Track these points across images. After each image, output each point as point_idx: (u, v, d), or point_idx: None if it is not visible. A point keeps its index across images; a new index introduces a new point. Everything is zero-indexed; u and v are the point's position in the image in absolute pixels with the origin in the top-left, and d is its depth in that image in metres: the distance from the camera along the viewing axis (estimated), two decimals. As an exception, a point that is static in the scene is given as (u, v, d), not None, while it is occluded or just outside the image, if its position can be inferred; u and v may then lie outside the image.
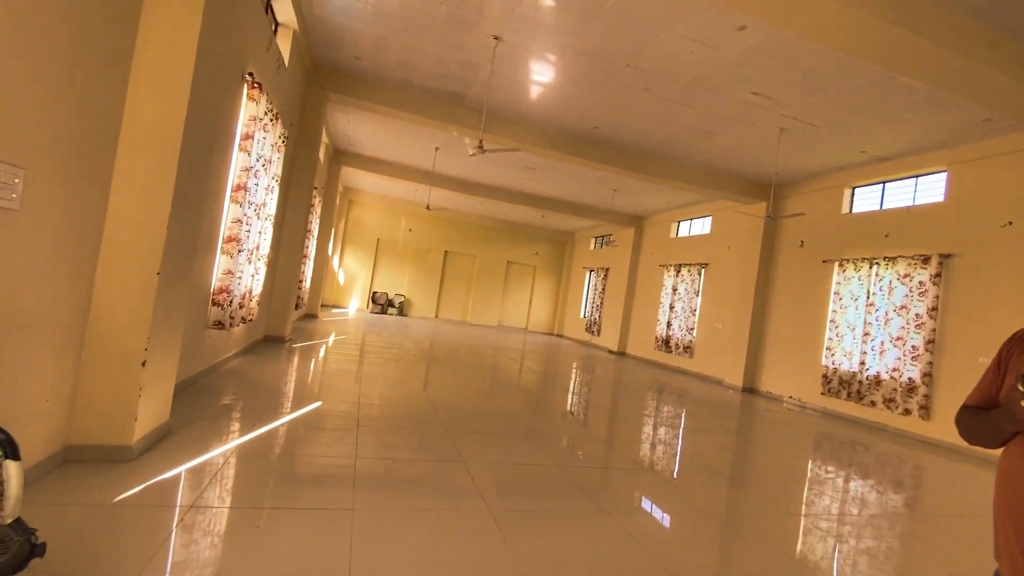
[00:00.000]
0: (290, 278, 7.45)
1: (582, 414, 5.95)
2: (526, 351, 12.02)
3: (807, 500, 3.70)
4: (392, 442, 3.55)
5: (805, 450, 5.60)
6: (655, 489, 3.47)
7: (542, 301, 19.35)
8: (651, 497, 3.30)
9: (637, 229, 14.32)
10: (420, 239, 17.64)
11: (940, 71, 4.46)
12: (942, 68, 4.41)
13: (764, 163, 8.48)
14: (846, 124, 6.54)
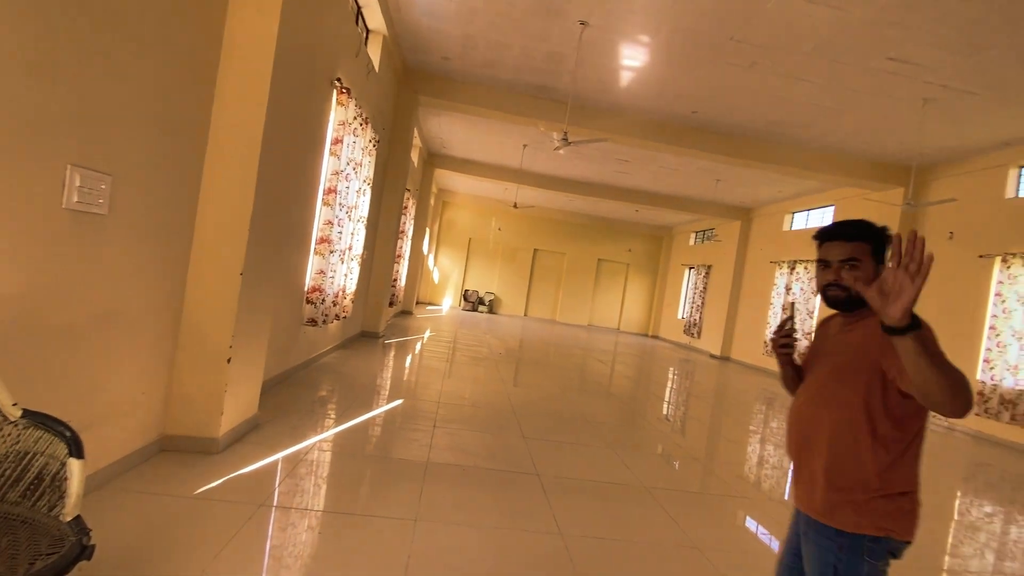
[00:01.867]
0: (383, 277, 7.74)
1: (678, 425, 5.47)
2: (617, 353, 11.53)
3: (952, 547, 2.99)
4: (467, 446, 3.45)
5: (951, 479, 4.64)
6: (757, 514, 3.00)
7: (635, 300, 18.53)
8: (753, 524, 2.85)
9: (744, 222, 13.11)
10: (510, 238, 17.71)
11: None
12: None
13: (902, 142, 7.25)
14: (1013, 88, 5.32)
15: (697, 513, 2.97)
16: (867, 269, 1.26)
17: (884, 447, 1.19)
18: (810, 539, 1.28)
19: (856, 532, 1.20)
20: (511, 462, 3.28)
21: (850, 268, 1.28)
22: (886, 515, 1.20)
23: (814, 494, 1.27)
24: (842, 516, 1.21)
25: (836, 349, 1.33)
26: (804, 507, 1.31)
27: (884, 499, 1.20)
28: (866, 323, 1.26)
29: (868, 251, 1.28)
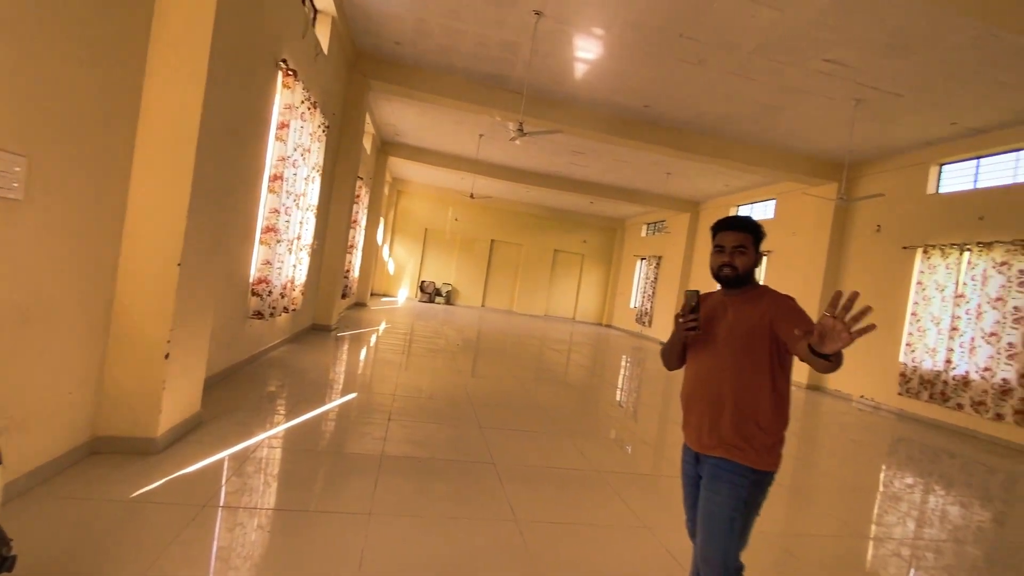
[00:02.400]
0: (335, 268, 7.52)
1: (630, 410, 5.64)
2: (573, 342, 11.74)
3: (878, 517, 3.26)
4: (423, 439, 3.42)
5: (877, 454, 5.04)
6: None
7: (590, 290, 18.89)
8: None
9: (693, 215, 13.59)
10: (466, 228, 17.61)
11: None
12: (1065, 17, 3.71)
13: (836, 140, 7.69)
14: (935, 91, 5.76)
15: (648, 495, 3.09)
16: (750, 254, 1.60)
17: (780, 397, 1.52)
18: (722, 479, 1.51)
19: (763, 469, 1.50)
20: (467, 452, 3.29)
21: (740, 253, 1.60)
22: (778, 454, 1.54)
23: (728, 442, 1.52)
24: (754, 457, 1.49)
25: (736, 320, 1.57)
26: (717, 453, 1.54)
27: (779, 441, 1.53)
28: (760, 300, 1.56)
29: (751, 241, 1.61)
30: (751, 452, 1.49)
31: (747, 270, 1.60)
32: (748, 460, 1.49)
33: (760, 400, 1.51)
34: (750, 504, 1.50)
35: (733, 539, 1.49)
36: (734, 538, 1.49)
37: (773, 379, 1.51)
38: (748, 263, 1.60)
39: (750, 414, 1.51)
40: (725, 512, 1.49)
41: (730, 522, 1.48)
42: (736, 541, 1.49)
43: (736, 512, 1.48)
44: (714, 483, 1.53)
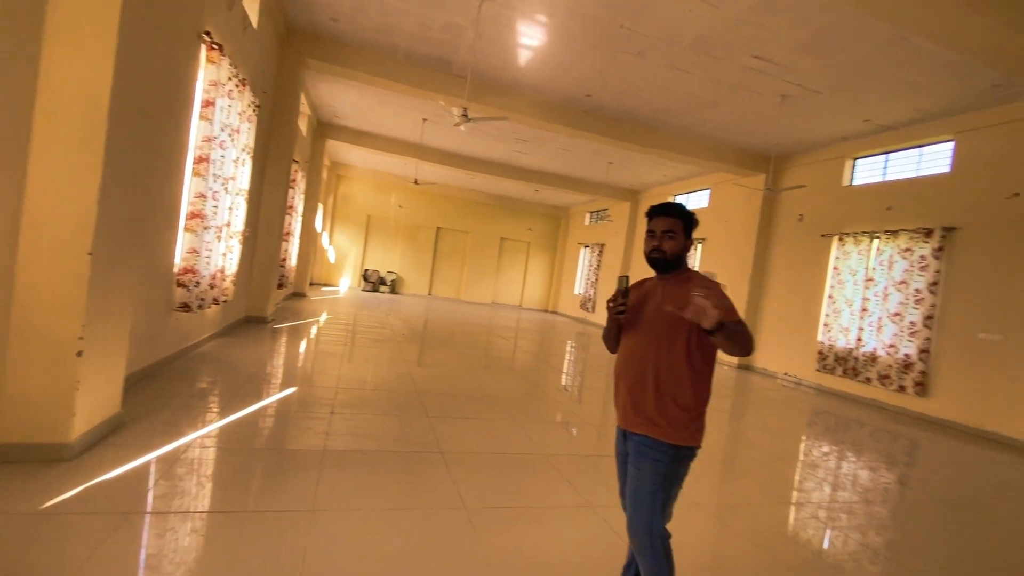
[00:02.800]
0: (270, 256, 7.16)
1: (575, 394, 5.78)
2: (519, 329, 11.85)
3: (799, 484, 3.55)
4: (367, 431, 3.35)
5: (797, 426, 5.47)
6: None
7: (536, 278, 19.11)
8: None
9: (633, 203, 14.00)
10: (411, 215, 17.25)
11: (957, 30, 4.14)
12: (960, 26, 4.09)
13: (764, 133, 8.15)
14: (851, 90, 6.21)
15: (592, 475, 3.19)
16: (679, 240, 1.66)
17: (698, 376, 1.60)
18: (645, 455, 1.59)
19: (682, 445, 1.58)
20: (414, 442, 3.26)
21: (669, 238, 1.66)
22: (698, 430, 1.61)
23: (649, 419, 1.60)
24: (672, 433, 1.57)
25: (662, 303, 1.63)
26: (640, 430, 1.62)
27: (697, 418, 1.61)
28: (686, 284, 1.61)
29: (681, 227, 1.67)
30: (670, 429, 1.57)
31: (675, 255, 1.66)
32: (667, 436, 1.57)
33: (679, 379, 1.58)
34: (670, 478, 1.58)
35: (656, 512, 1.57)
36: (657, 511, 1.57)
37: (690, 359, 1.58)
38: (677, 248, 1.65)
39: (669, 393, 1.58)
40: (647, 487, 1.57)
41: (652, 496, 1.57)
42: (659, 513, 1.57)
43: (657, 486, 1.57)
44: (638, 459, 1.61)
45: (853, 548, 2.64)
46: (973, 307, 6.16)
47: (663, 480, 1.56)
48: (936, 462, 4.73)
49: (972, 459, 4.90)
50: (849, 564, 2.46)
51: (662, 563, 1.57)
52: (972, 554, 2.79)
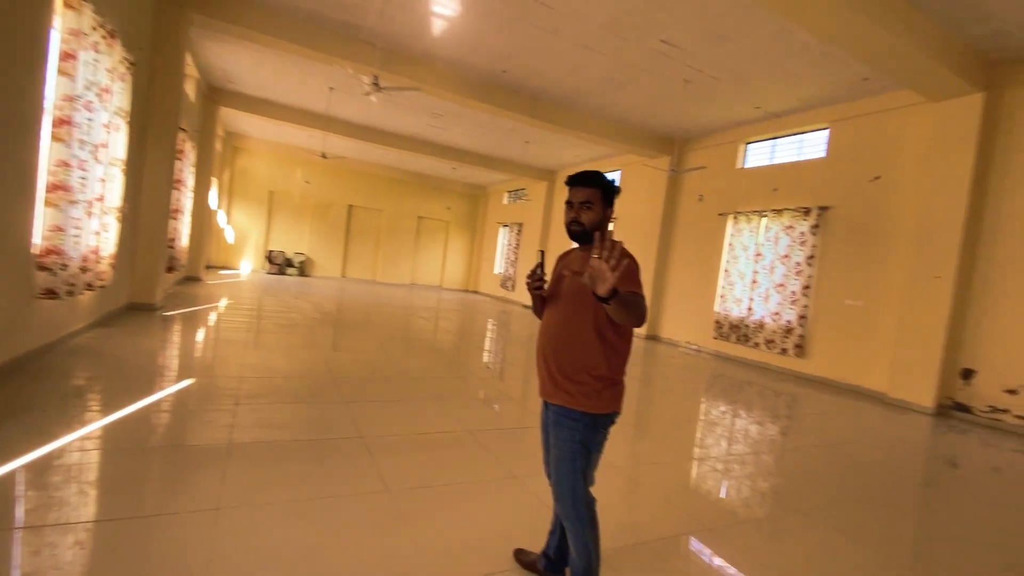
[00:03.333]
0: (155, 236, 6.42)
1: (496, 371, 5.84)
2: (440, 309, 11.72)
3: (700, 441, 3.89)
4: (278, 421, 3.15)
5: (697, 389, 5.98)
6: None
7: (456, 257, 18.94)
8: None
9: (550, 183, 14.24)
10: (320, 192, 16.24)
11: (835, 25, 4.58)
12: (836, 22, 4.52)
13: (669, 117, 8.59)
14: (745, 78, 6.70)
15: (516, 447, 3.26)
16: (597, 210, 1.63)
17: (609, 347, 1.60)
18: (562, 424, 1.62)
19: (596, 412, 1.59)
20: (331, 429, 3.12)
21: (586, 209, 1.63)
22: (613, 398, 1.62)
23: (564, 389, 1.61)
24: (585, 402, 1.58)
25: (577, 275, 1.60)
26: (556, 400, 1.63)
27: (610, 386, 1.62)
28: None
29: (599, 196, 1.64)
30: (584, 399, 1.58)
31: (593, 226, 1.62)
32: (582, 405, 1.58)
33: (591, 350, 1.58)
34: (588, 445, 1.61)
35: (577, 478, 1.61)
36: (578, 477, 1.61)
37: (599, 330, 1.58)
38: (594, 219, 1.62)
39: (582, 363, 1.59)
40: (567, 454, 1.61)
41: (572, 463, 1.60)
42: (580, 479, 1.61)
43: (576, 453, 1.60)
44: (556, 428, 1.64)
45: (746, 494, 2.95)
46: (841, 277, 7.02)
47: (581, 447, 1.59)
48: (812, 414, 5.39)
49: (840, 409, 5.65)
50: (742, 509, 2.74)
51: (586, 526, 1.63)
52: (841, 489, 3.23)
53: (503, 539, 2.08)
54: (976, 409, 5.61)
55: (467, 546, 2.02)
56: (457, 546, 2.01)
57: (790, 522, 2.64)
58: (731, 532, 2.42)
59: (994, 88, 5.64)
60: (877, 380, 6.45)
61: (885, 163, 6.68)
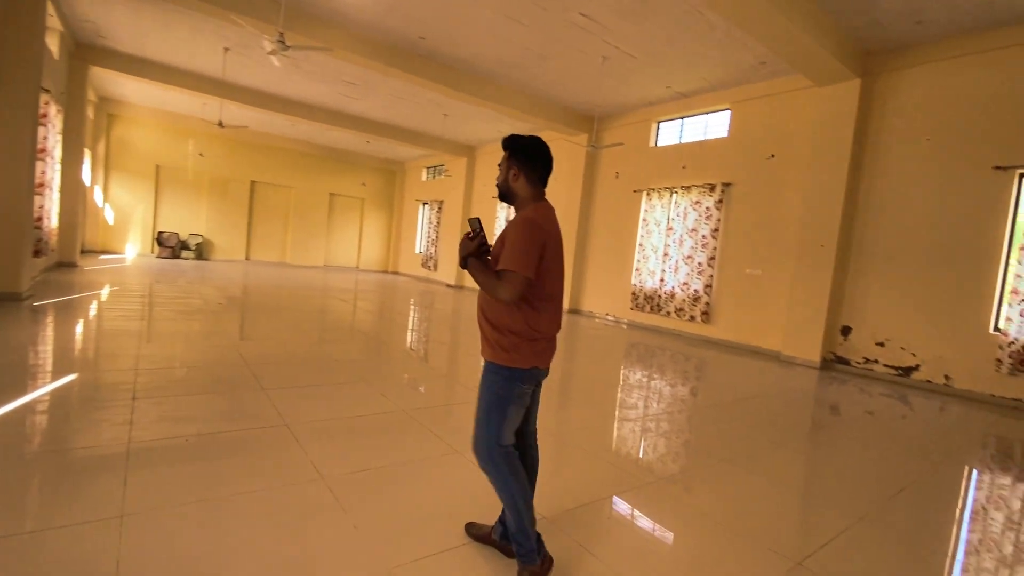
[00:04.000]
0: (17, 215, 5.49)
1: (423, 350, 5.73)
2: (359, 291, 11.26)
3: (621, 402, 4.09)
4: (187, 414, 2.85)
5: (617, 357, 6.28)
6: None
7: (373, 237, 18.19)
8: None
9: (470, 159, 14.02)
10: (217, 166, 14.76)
11: (739, 6, 4.83)
12: (741, 3, 4.77)
13: (588, 93, 8.72)
14: (659, 57, 6.94)
15: (451, 423, 3.22)
16: (503, 171, 1.73)
17: (526, 305, 1.64)
18: (485, 377, 1.70)
19: (512, 366, 1.65)
20: (251, 419, 2.88)
21: (500, 169, 1.76)
22: (532, 354, 1.67)
23: (487, 343, 1.70)
24: (502, 355, 1.65)
25: (498, 241, 1.70)
26: (484, 355, 1.72)
27: (527, 343, 1.66)
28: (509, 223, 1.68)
29: (506, 158, 1.73)
30: (501, 351, 1.65)
31: (500, 185, 1.75)
32: (500, 359, 1.66)
33: (503, 306, 1.64)
34: (505, 397, 1.66)
35: (491, 428, 1.67)
36: (492, 427, 1.67)
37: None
38: (499, 179, 1.75)
39: (496, 318, 1.66)
40: (484, 404, 1.69)
41: (487, 413, 1.68)
42: (495, 429, 1.67)
43: (491, 405, 1.67)
44: (481, 382, 1.72)
45: (661, 451, 3.15)
46: (742, 248, 7.64)
47: (497, 398, 1.65)
48: (718, 374, 5.87)
49: (742, 369, 6.20)
50: (657, 464, 2.92)
51: (507, 476, 1.66)
52: (745, 440, 3.55)
53: (452, 515, 2.05)
54: (853, 361, 6.42)
55: (415, 526, 1.96)
56: (404, 527, 1.95)
57: (704, 469, 2.85)
58: (653, 488, 2.57)
59: (869, 75, 6.31)
60: (773, 340, 7.15)
61: (779, 143, 7.29)
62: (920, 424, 4.45)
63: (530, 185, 1.71)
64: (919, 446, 3.73)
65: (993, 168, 5.45)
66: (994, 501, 2.89)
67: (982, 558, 2.19)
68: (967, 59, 5.65)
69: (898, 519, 2.44)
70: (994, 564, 2.13)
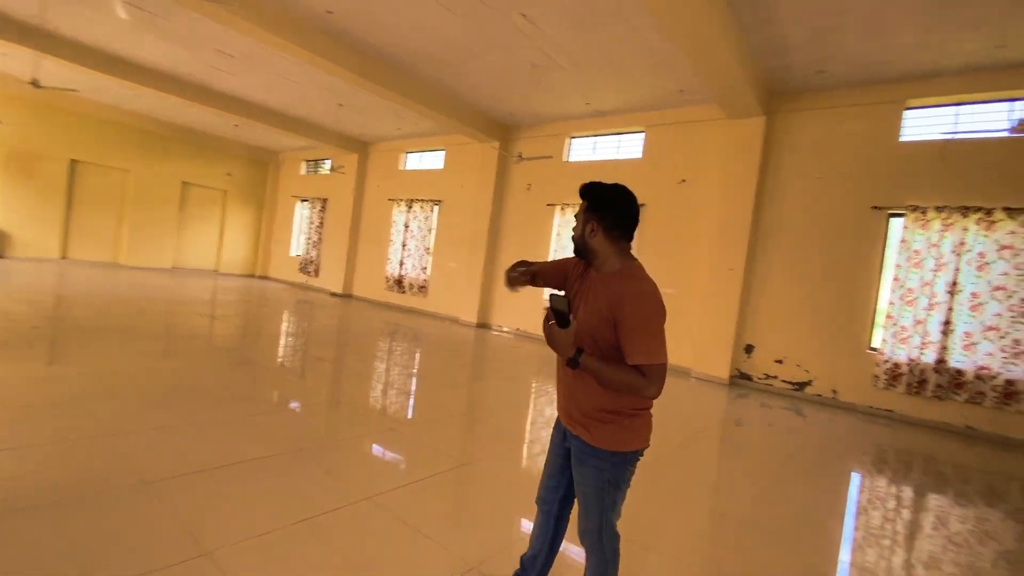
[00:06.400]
0: None
1: (299, 372, 4.76)
2: (221, 301, 9.47)
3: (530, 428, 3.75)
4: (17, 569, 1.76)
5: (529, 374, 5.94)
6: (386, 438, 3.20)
7: (238, 236, 15.72)
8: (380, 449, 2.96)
9: (362, 155, 12.77)
10: (22, 138, 11.45)
11: (689, 33, 4.80)
12: (692, 28, 4.73)
13: (509, 100, 8.35)
14: (588, 71, 6.80)
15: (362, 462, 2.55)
16: (580, 223, 1.54)
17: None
18: (586, 463, 1.50)
19: (622, 450, 1.47)
20: (86, 477, 1.90)
21: (577, 221, 1.55)
22: (637, 432, 1.50)
23: (583, 425, 1.49)
24: (609, 440, 1.47)
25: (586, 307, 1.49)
26: (577, 432, 1.51)
27: (635, 417, 1.49)
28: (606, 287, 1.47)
29: (584, 207, 1.53)
30: (606, 437, 1.47)
31: (578, 241, 1.54)
32: (604, 443, 1.47)
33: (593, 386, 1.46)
34: (616, 482, 1.50)
35: (605, 512, 1.51)
36: (607, 514, 1.51)
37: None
38: (577, 233, 1.54)
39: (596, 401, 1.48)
40: (593, 491, 1.51)
41: (600, 500, 1.51)
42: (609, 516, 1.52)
43: (602, 492, 1.50)
44: (579, 466, 1.53)
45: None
46: (659, 268, 7.83)
47: (608, 485, 1.49)
48: None
49: (668, 388, 6.25)
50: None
51: (610, 564, 1.54)
52: (660, 448, 3.40)
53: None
54: (755, 377, 6.88)
55: None
56: None
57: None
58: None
59: (771, 113, 6.86)
60: (684, 357, 7.41)
61: (690, 169, 7.63)
62: (808, 433, 4.93)
63: (610, 242, 1.49)
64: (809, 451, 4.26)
65: (871, 208, 6.21)
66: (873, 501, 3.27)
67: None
68: (851, 109, 6.40)
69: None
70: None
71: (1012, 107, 5.62)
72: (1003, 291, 5.39)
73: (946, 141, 5.83)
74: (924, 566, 2.45)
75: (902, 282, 5.94)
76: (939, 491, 3.69)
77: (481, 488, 2.76)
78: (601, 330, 1.40)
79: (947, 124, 5.97)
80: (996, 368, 5.38)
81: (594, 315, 1.42)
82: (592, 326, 1.41)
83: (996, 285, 5.43)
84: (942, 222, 5.72)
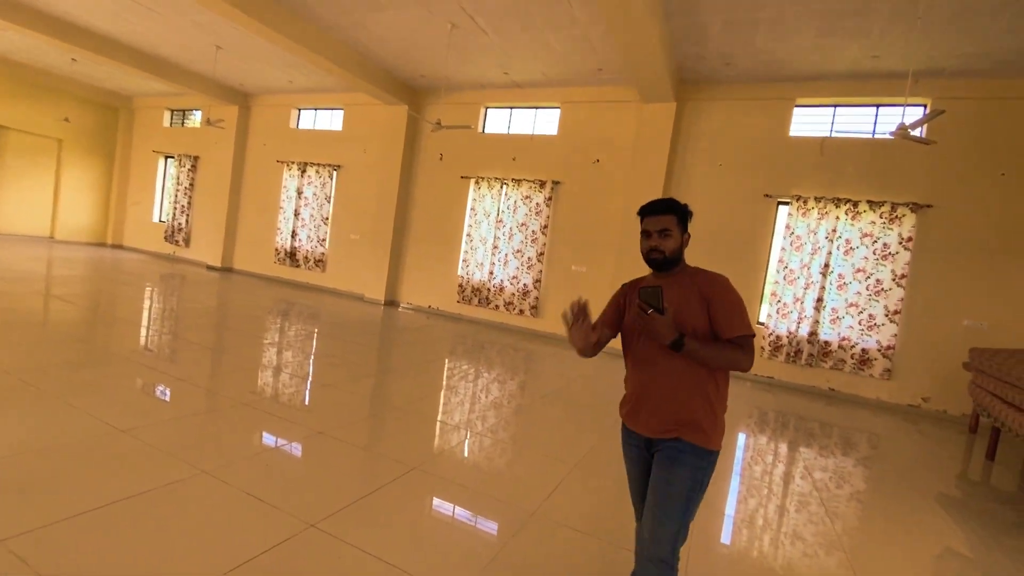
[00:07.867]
0: None
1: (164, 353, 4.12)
2: (59, 276, 7.84)
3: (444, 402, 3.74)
4: None
5: (443, 354, 5.78)
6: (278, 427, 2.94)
7: (81, 196, 13.03)
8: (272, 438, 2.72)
9: (242, 108, 11.17)
10: None
11: (617, 6, 4.71)
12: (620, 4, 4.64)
13: (421, 61, 7.72)
14: (509, 38, 6.47)
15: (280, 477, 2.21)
16: (676, 237, 1.62)
17: (723, 379, 1.59)
18: (686, 464, 1.52)
19: (719, 449, 1.57)
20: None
21: (666, 236, 1.61)
22: (721, 432, 1.59)
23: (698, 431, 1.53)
24: (718, 438, 1.56)
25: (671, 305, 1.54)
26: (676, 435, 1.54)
27: (720, 421, 1.58)
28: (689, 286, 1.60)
29: (675, 222, 1.63)
30: (713, 433, 1.55)
31: (674, 253, 1.63)
32: (711, 442, 1.54)
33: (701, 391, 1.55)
34: (704, 483, 1.55)
35: (686, 522, 1.54)
36: (687, 520, 1.55)
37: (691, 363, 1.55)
38: (675, 245, 1.62)
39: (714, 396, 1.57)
40: (682, 493, 1.52)
41: (686, 504, 1.53)
42: (687, 522, 1.55)
43: (693, 494, 1.54)
44: (674, 465, 1.54)
45: (487, 446, 3.15)
46: (570, 245, 7.93)
47: (699, 487, 1.53)
48: (543, 366, 6.00)
49: (567, 360, 6.37)
50: (485, 463, 2.96)
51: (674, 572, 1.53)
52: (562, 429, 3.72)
53: None
54: (659, 351, 7.30)
55: None
56: None
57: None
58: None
59: (681, 100, 7.14)
60: (595, 334, 7.63)
61: (604, 149, 7.73)
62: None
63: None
64: (766, 437, 4.40)
65: (764, 195, 6.79)
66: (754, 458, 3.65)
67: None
68: (751, 103, 6.87)
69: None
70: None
71: (879, 112, 6.44)
72: (863, 272, 6.25)
73: (824, 138, 6.52)
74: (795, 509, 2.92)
75: (785, 263, 6.62)
76: (807, 444, 4.32)
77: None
78: (695, 320, 1.53)
79: (827, 123, 6.67)
80: (855, 339, 6.27)
81: (684, 309, 1.54)
82: (683, 320, 1.53)
83: (858, 267, 6.27)
84: (819, 211, 6.43)
